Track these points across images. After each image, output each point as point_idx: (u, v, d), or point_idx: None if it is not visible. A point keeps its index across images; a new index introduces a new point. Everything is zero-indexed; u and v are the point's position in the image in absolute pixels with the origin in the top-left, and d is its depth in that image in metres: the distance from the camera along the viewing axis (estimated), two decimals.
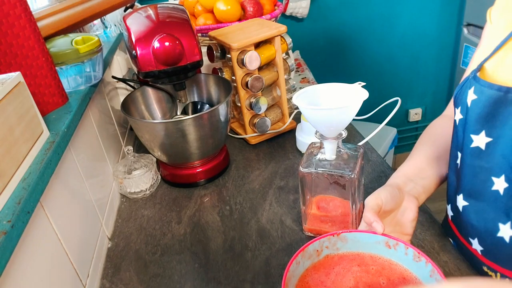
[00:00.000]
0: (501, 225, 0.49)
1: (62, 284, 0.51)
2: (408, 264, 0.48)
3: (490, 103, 0.47)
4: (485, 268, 0.54)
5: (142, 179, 0.81)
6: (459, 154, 0.54)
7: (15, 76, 0.49)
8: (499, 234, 0.50)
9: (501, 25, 0.51)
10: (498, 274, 0.52)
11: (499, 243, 0.50)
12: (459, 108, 0.53)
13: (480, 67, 0.50)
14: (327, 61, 1.99)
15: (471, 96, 0.50)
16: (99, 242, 0.67)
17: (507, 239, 0.49)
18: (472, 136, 0.51)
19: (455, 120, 0.55)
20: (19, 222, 0.40)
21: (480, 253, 0.54)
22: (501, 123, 0.47)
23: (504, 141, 0.47)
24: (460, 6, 1.94)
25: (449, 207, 0.60)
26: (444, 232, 0.65)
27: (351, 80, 0.63)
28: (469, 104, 0.50)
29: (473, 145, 0.51)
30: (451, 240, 0.63)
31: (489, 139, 0.49)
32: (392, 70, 2.08)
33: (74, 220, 0.59)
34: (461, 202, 0.55)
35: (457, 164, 0.55)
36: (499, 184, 0.48)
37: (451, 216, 0.60)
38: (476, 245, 0.55)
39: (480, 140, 0.50)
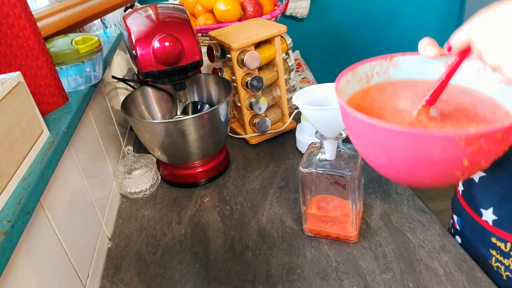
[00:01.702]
0: None
1: (62, 284, 0.51)
2: (471, 79, 0.43)
3: None
4: (493, 239, 0.55)
5: (142, 179, 0.81)
6: None
7: (15, 76, 0.49)
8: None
9: None
10: (509, 244, 0.53)
11: None
12: None
13: None
14: (327, 61, 1.99)
15: None
16: (99, 242, 0.67)
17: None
18: None
19: None
20: (19, 222, 0.40)
21: (491, 223, 0.55)
22: None
23: None
24: (460, 6, 1.94)
25: (460, 182, 0.60)
26: (452, 210, 0.65)
27: None
28: None
29: None
30: (456, 217, 0.63)
31: None
32: None
33: (74, 220, 0.59)
34: (478, 173, 0.54)
35: None
36: None
37: (462, 190, 0.60)
38: (488, 215, 0.55)
39: None
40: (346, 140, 0.62)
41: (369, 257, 0.61)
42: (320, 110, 0.55)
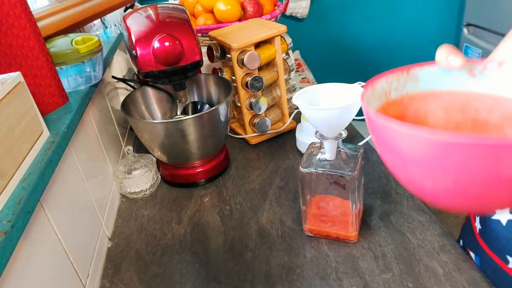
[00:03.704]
0: None
1: (62, 284, 0.51)
2: (503, 89, 0.37)
3: None
4: None
5: (142, 179, 0.81)
6: None
7: (15, 76, 0.49)
8: None
9: None
10: None
11: None
12: None
13: None
14: (327, 61, 1.99)
15: None
16: (99, 242, 0.67)
17: None
18: None
19: None
20: (19, 222, 0.40)
21: None
22: None
23: None
24: (460, 6, 1.94)
25: (477, 220, 0.56)
26: (464, 243, 0.62)
27: (351, 80, 0.63)
28: None
29: None
30: (473, 255, 0.59)
31: None
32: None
33: (74, 220, 0.60)
34: (506, 215, 0.50)
35: None
36: None
37: (479, 229, 0.56)
38: None
39: None
40: (346, 140, 0.62)
41: (368, 257, 0.61)
42: (320, 110, 0.55)
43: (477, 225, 0.58)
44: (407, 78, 0.42)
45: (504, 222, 0.51)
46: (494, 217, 0.52)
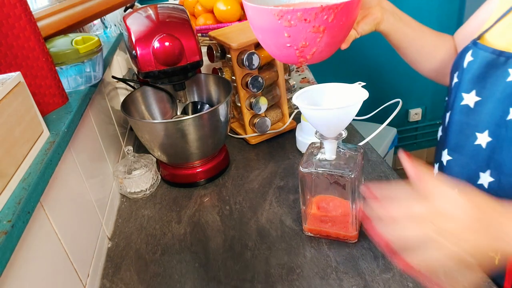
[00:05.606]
0: (481, 174, 0.55)
1: (62, 284, 0.51)
2: None
3: (483, 64, 0.53)
4: None
5: (142, 179, 0.81)
6: (448, 113, 0.60)
7: (15, 76, 0.49)
8: (479, 182, 0.55)
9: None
10: None
11: (479, 190, 0.54)
12: (456, 73, 0.59)
13: (480, 36, 0.56)
14: (327, 61, 1.99)
15: (468, 58, 0.55)
16: (99, 242, 0.68)
17: (486, 185, 0.54)
18: (463, 95, 0.56)
19: (450, 84, 0.61)
20: (19, 222, 0.40)
21: None
22: (491, 84, 0.52)
23: (491, 101, 0.52)
24: (460, 6, 1.94)
25: (436, 166, 0.65)
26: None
27: (351, 80, 0.63)
28: (465, 66, 0.55)
29: (463, 102, 0.56)
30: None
31: (478, 98, 0.54)
32: (392, 70, 2.08)
33: (74, 220, 0.60)
34: (445, 157, 0.60)
35: (445, 122, 0.61)
36: (482, 139, 0.54)
37: (436, 174, 0.65)
38: None
39: (470, 99, 0.55)
40: (346, 140, 0.62)
41: (368, 257, 0.61)
42: (320, 110, 0.55)
43: (435, 171, 0.67)
44: None
45: (445, 163, 0.61)
46: (443, 159, 0.62)
